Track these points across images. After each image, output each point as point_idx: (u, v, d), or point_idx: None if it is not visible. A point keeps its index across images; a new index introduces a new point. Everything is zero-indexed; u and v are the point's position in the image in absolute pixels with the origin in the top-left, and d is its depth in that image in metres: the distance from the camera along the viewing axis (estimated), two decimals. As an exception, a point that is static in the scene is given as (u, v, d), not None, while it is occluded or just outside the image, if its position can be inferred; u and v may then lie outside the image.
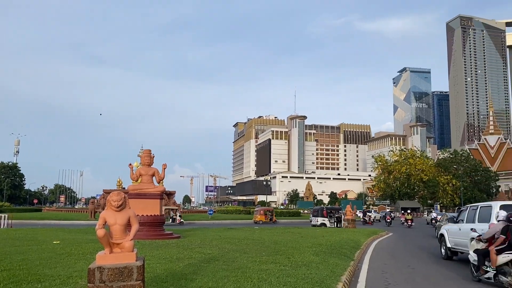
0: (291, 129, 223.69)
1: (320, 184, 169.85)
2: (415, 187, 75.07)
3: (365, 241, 19.58)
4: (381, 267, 12.17)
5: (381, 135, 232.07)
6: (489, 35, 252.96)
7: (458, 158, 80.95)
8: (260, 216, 41.73)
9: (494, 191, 79.67)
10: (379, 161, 79.28)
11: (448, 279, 10.75)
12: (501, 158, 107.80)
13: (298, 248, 13.65)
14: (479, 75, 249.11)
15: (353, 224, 30.91)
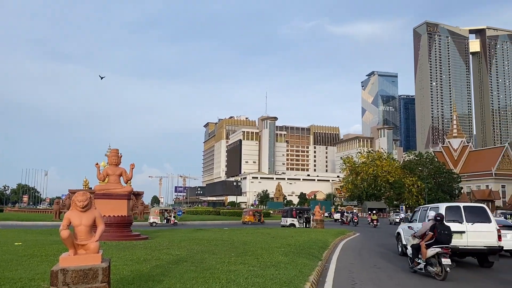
0: (262, 130, 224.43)
1: (290, 184, 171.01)
2: (382, 188, 76.79)
3: (333, 241, 19.87)
4: (348, 267, 12.39)
5: (350, 137, 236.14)
6: (453, 41, 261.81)
7: (423, 160, 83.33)
8: (249, 216, 43.04)
9: (457, 193, 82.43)
10: (347, 163, 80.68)
11: (411, 277, 11.06)
12: (463, 161, 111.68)
13: (267, 248, 13.71)
14: (444, 80, 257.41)
15: (322, 224, 31.32)
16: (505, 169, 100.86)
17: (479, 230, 12.71)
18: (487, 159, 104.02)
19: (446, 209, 13.23)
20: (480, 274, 12.02)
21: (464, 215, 12.99)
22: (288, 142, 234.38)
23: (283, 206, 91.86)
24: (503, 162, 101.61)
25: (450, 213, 13.15)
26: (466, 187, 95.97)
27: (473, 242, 12.66)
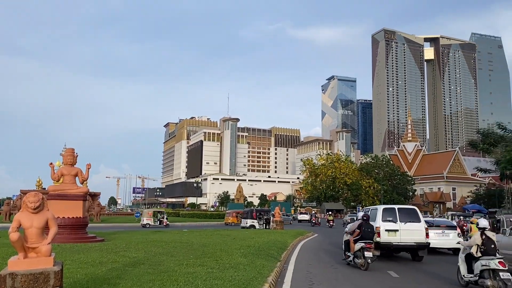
0: (223, 131, 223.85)
1: (251, 186, 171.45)
2: (340, 189, 78.49)
3: (292, 242, 20.10)
4: (306, 267, 12.58)
5: (310, 140, 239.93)
6: (409, 49, 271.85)
7: (379, 163, 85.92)
8: (232, 218, 43.72)
9: (411, 195, 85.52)
10: (307, 165, 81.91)
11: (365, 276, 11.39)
12: (417, 164, 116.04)
13: (226, 250, 13.69)
14: (400, 86, 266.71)
15: (281, 225, 31.60)
16: (455, 172, 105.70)
17: (410, 229, 14.46)
18: (439, 162, 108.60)
19: (383, 211, 15.01)
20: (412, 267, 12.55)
21: (398, 216, 14.74)
22: (249, 143, 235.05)
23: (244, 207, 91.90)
24: (454, 166, 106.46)
25: (386, 214, 14.91)
26: (420, 189, 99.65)
27: (405, 239, 14.43)
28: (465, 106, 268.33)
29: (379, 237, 14.59)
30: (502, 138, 43.07)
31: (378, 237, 14.58)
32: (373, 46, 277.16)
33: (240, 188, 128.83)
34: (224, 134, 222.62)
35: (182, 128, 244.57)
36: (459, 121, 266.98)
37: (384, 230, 14.54)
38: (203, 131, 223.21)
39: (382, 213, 14.86)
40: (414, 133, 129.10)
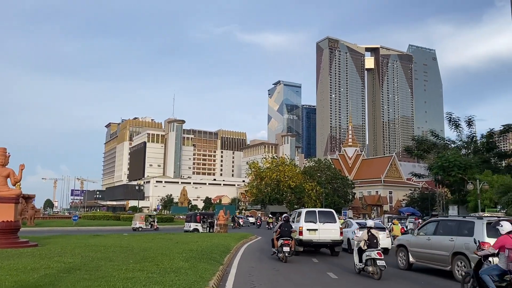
0: (168, 133, 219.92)
1: (196, 189, 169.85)
2: (284, 192, 79.66)
3: (235, 245, 20.14)
4: (249, 270, 12.67)
5: (256, 143, 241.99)
6: (351, 57, 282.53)
7: (322, 167, 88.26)
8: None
9: (351, 198, 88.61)
10: (252, 168, 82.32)
11: (306, 278, 11.67)
12: (357, 168, 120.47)
13: (168, 254, 13.46)
14: (342, 93, 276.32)
15: (225, 228, 31.60)
16: (392, 176, 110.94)
17: (327, 228, 17.29)
18: (377, 167, 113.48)
19: (305, 213, 18.05)
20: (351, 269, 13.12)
21: (317, 217, 17.62)
22: (195, 146, 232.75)
23: (188, 211, 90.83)
24: (390, 170, 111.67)
25: (308, 216, 17.84)
26: (359, 192, 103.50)
27: (323, 237, 17.36)
28: (401, 114, 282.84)
29: (302, 235, 17.31)
30: (435, 145, 45.97)
31: (301, 235, 17.30)
32: (318, 53, 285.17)
33: (184, 191, 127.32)
34: (169, 135, 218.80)
35: (125, 128, 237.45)
36: (396, 128, 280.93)
37: (306, 230, 17.35)
38: (147, 132, 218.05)
39: (305, 215, 17.81)
40: (354, 139, 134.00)
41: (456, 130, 43.52)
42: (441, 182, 42.07)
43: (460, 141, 43.88)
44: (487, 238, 11.02)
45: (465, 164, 35.42)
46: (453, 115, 43.83)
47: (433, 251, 12.68)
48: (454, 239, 12.08)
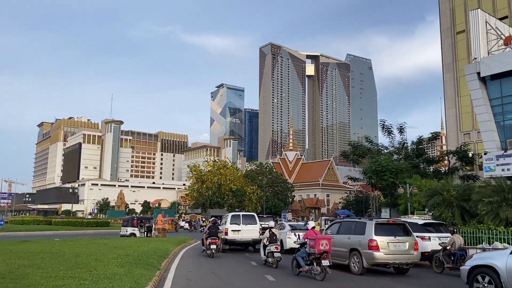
0: (105, 134, 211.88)
1: (134, 192, 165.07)
2: (225, 196, 79.63)
3: (173, 249, 19.84)
4: (186, 275, 12.53)
5: (198, 146, 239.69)
6: (293, 64, 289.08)
7: (263, 170, 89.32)
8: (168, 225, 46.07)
9: (290, 201, 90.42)
10: (194, 171, 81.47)
11: (245, 281, 11.76)
12: (297, 172, 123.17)
13: (102, 260, 12.97)
14: (284, 98, 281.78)
15: (164, 233, 30.99)
16: (330, 180, 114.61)
17: (249, 229, 20.50)
18: (316, 170, 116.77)
19: (231, 216, 21.67)
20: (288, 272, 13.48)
21: (241, 220, 21.17)
22: (133, 147, 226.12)
23: (125, 215, 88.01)
24: (328, 174, 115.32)
25: (233, 218, 21.36)
26: (298, 195, 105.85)
27: (245, 236, 20.71)
28: (339, 120, 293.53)
29: (227, 235, 20.73)
30: (369, 150, 48.10)
31: (226, 235, 20.73)
32: (261, 58, 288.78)
33: (121, 195, 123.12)
34: (106, 137, 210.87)
35: (59, 128, 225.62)
36: (334, 133, 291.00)
37: (231, 230, 20.73)
38: (82, 133, 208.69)
39: (231, 218, 21.35)
40: (295, 143, 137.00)
41: (388, 136, 45.81)
42: (375, 185, 44.05)
43: (392, 147, 46.24)
44: (374, 236, 13.20)
45: (396, 169, 37.39)
46: (386, 122, 46.07)
47: (336, 248, 13.93)
48: (350, 237, 14.01)
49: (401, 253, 13.33)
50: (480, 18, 31.23)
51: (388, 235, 13.44)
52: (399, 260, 13.35)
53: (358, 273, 13.40)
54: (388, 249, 13.19)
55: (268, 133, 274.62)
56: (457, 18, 51.83)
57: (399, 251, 13.32)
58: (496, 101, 30.22)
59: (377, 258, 13.07)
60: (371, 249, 13.11)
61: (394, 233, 13.65)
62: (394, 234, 13.60)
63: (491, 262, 9.28)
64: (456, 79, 50.26)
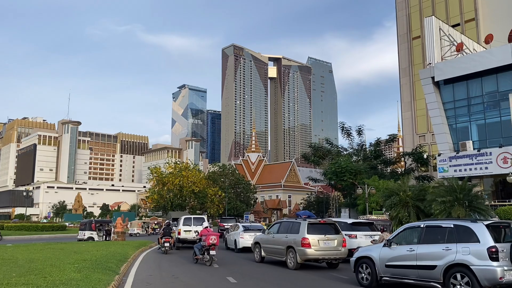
0: (62, 135, 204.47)
1: (92, 195, 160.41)
2: (187, 198, 78.80)
3: (133, 253, 19.43)
4: (146, 279, 12.32)
5: (159, 147, 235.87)
6: (255, 66, 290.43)
7: (226, 172, 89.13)
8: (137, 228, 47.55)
9: (253, 202, 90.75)
10: (154, 173, 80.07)
11: (206, 284, 11.70)
12: (259, 173, 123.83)
13: (58, 265, 12.53)
14: (246, 99, 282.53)
15: (123, 236, 30.32)
16: (291, 181, 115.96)
17: (198, 230, 21.43)
18: (278, 172, 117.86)
19: (184, 218, 25.02)
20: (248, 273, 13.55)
21: (192, 221, 24.50)
22: (92, 149, 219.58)
23: (83, 218, 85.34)
24: (290, 175, 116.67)
25: (185, 220, 24.76)
26: (260, 196, 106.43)
27: (194, 235, 22.25)
28: (301, 122, 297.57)
29: (180, 235, 23.76)
30: (329, 152, 49.09)
31: (179, 235, 23.78)
32: (223, 59, 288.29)
33: (79, 198, 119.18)
34: (63, 138, 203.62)
35: (12, 129, 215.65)
36: (296, 135, 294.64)
37: (183, 231, 23.70)
38: (38, 134, 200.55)
39: (183, 220, 24.78)
40: (257, 145, 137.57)
41: (348, 138, 46.99)
42: (335, 186, 44.96)
43: (351, 148, 47.43)
44: (307, 234, 14.69)
45: (355, 170, 38.35)
46: (345, 124, 47.27)
47: (275, 246, 16.01)
48: (287, 236, 15.44)
49: (330, 250, 14.87)
50: (434, 25, 32.63)
51: (319, 234, 14.89)
52: (328, 255, 14.92)
53: (293, 268, 14.82)
54: (318, 246, 14.67)
55: (230, 134, 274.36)
56: (413, 24, 53.85)
57: (328, 248, 14.86)
58: (449, 105, 31.66)
59: (308, 254, 14.54)
60: (303, 246, 14.55)
61: (324, 232, 15.09)
62: (325, 233, 15.04)
63: (369, 253, 11.40)
64: (412, 83, 52.20)
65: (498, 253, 8.94)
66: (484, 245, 9.03)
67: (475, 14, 48.66)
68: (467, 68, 29.66)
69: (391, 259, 10.70)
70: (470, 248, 9.18)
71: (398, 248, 10.68)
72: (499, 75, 28.95)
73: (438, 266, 9.57)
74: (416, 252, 10.14)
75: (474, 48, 36.09)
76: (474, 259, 9.04)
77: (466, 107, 30.84)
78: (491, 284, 8.87)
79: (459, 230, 9.66)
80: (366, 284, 11.20)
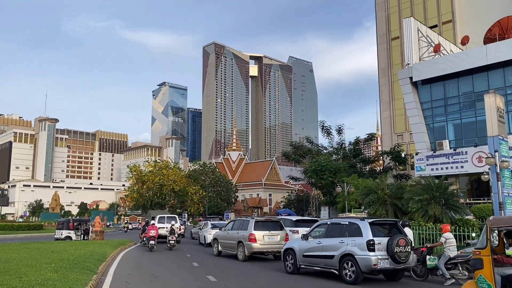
0: (39, 132, 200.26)
1: (70, 194, 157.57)
2: (167, 196, 78.28)
3: (112, 252, 19.19)
4: (125, 278, 12.20)
5: (138, 145, 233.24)
6: (236, 64, 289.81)
7: (206, 170, 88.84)
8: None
9: (233, 200, 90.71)
10: (133, 171, 79.22)
11: (186, 283, 11.65)
12: (240, 172, 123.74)
13: (34, 265, 12.29)
14: (227, 98, 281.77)
15: (102, 235, 29.92)
16: (272, 179, 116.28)
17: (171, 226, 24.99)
18: (258, 170, 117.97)
19: (159, 217, 30.14)
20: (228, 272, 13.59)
21: (166, 219, 29.85)
22: (70, 147, 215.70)
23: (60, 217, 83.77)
24: (271, 174, 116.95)
25: (160, 219, 29.56)
26: (241, 195, 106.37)
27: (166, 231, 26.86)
28: (282, 121, 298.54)
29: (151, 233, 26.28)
30: (310, 150, 49.43)
31: None
32: (204, 57, 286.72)
33: (56, 196, 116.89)
34: (40, 135, 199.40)
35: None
36: (277, 134, 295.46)
37: (159, 228, 25.82)
38: (13, 131, 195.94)
39: (158, 218, 29.72)
40: (238, 143, 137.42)
41: (328, 137, 47.34)
42: (315, 184, 45.31)
43: (331, 147, 47.85)
44: (253, 230, 16.88)
45: (335, 169, 38.74)
46: (325, 123, 47.62)
47: (229, 241, 18.34)
48: (238, 232, 17.66)
49: (274, 244, 17.07)
50: (412, 26, 33.18)
51: (264, 230, 17.13)
52: (271, 249, 17.18)
53: (242, 260, 17.13)
54: (263, 240, 16.94)
55: (211, 133, 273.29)
56: (392, 25, 54.63)
57: (272, 242, 17.10)
58: (427, 105, 32.26)
59: (254, 248, 16.91)
60: (250, 241, 16.84)
61: (269, 228, 17.35)
62: (269, 229, 17.29)
63: (292, 245, 13.77)
64: (390, 83, 52.96)
65: (375, 245, 11.02)
66: (365, 238, 11.18)
67: (452, 16, 49.68)
68: (444, 69, 30.26)
69: (307, 250, 12.94)
70: (356, 241, 11.34)
71: (312, 241, 12.89)
72: (474, 76, 29.63)
73: (335, 256, 11.79)
74: (322, 244, 12.42)
75: (451, 49, 36.85)
76: (358, 250, 11.21)
77: (443, 107, 31.48)
78: (368, 269, 11.11)
79: (351, 226, 11.82)
80: (290, 271, 13.46)
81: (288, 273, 13.35)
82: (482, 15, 43.78)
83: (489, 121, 18.73)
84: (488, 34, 31.84)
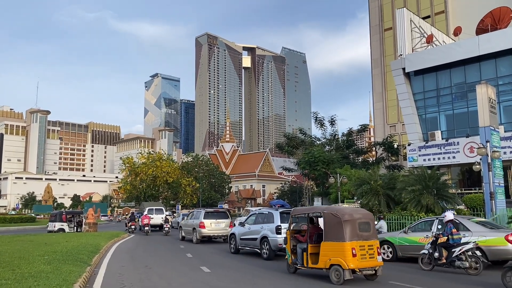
0: (30, 124, 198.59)
1: (63, 186, 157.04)
2: (160, 188, 78.06)
3: (105, 244, 19.17)
4: (119, 270, 12.20)
5: (131, 137, 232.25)
6: (229, 55, 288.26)
7: (199, 162, 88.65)
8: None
9: (227, 192, 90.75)
10: (127, 163, 78.81)
11: (180, 274, 11.68)
12: (233, 163, 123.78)
13: (26, 257, 12.25)
14: (221, 89, 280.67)
15: (95, 227, 29.89)
16: (265, 171, 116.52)
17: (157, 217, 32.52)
18: (252, 162, 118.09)
19: (147, 209, 33.91)
20: (221, 263, 13.63)
21: (154, 211, 33.77)
22: (62, 139, 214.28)
23: (53, 209, 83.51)
24: (264, 165, 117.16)
25: (149, 211, 33.30)
26: (235, 186, 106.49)
27: (156, 222, 32.43)
28: (275, 112, 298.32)
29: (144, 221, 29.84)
30: (303, 142, 49.52)
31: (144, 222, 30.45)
32: (197, 48, 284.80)
33: (49, 189, 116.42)
34: (31, 127, 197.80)
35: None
36: (270, 125, 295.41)
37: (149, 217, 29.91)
38: (4, 123, 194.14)
39: (148, 210, 33.56)
40: (231, 135, 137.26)
41: (321, 128, 47.38)
42: (308, 175, 45.47)
43: (324, 138, 47.92)
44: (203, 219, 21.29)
45: (328, 160, 38.85)
46: (318, 114, 47.67)
47: (187, 228, 22.99)
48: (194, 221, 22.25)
49: (219, 230, 21.38)
50: (405, 16, 33.14)
51: (212, 218, 21.37)
52: (217, 234, 21.48)
53: (195, 243, 21.29)
54: (211, 227, 21.21)
55: (204, 124, 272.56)
56: (385, 16, 54.56)
57: (218, 229, 21.37)
58: (419, 96, 32.38)
59: (203, 233, 21.23)
60: (200, 227, 21.13)
61: (216, 217, 21.56)
62: (216, 218, 21.51)
63: (234, 231, 17.35)
64: (383, 74, 53.04)
65: (281, 229, 13.98)
66: (275, 224, 14.50)
67: (445, 6, 49.67)
68: (437, 59, 30.32)
69: (242, 234, 16.32)
70: (270, 226, 14.69)
71: (246, 227, 16.24)
72: (466, 67, 29.73)
73: (257, 238, 15.18)
74: (251, 229, 15.85)
75: (443, 40, 36.90)
76: (270, 233, 14.60)
77: (435, 98, 31.60)
78: (276, 248, 14.36)
79: (269, 215, 15.23)
80: (233, 252, 16.84)
81: (232, 253, 16.76)
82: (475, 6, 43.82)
83: (481, 111, 18.84)
84: (481, 25, 31.91)
